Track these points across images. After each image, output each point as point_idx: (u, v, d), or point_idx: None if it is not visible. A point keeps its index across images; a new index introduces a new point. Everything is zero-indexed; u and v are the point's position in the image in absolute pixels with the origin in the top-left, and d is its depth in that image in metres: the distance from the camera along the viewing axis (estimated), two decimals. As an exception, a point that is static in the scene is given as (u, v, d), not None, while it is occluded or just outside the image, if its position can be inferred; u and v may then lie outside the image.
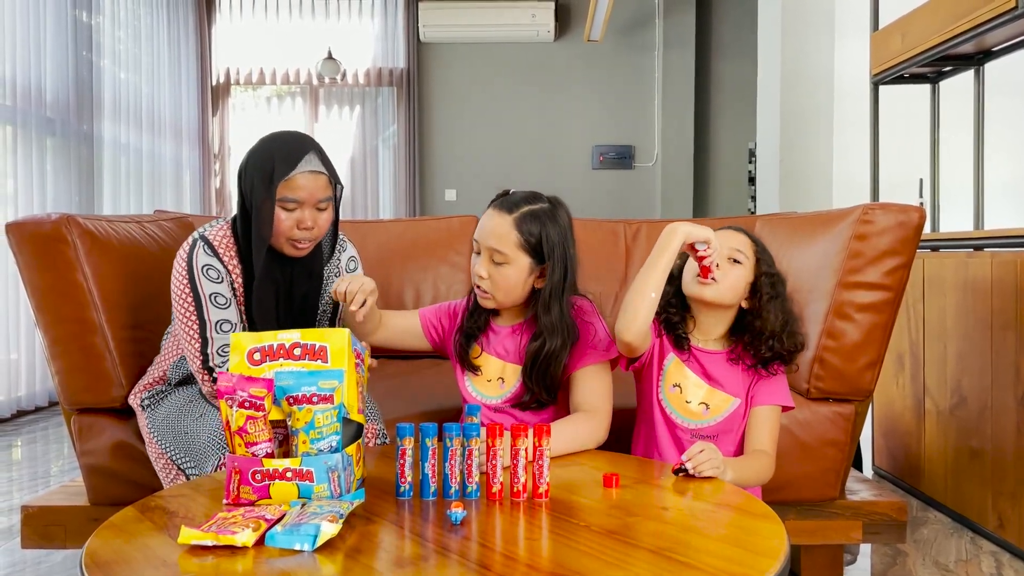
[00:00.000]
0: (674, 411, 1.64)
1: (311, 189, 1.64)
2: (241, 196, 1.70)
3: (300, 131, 1.75)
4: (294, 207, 1.64)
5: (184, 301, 1.68)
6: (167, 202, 6.29)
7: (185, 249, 1.70)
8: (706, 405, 1.63)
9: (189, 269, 1.67)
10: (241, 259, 1.71)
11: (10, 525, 2.61)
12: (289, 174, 1.63)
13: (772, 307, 1.59)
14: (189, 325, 1.68)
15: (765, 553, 1.04)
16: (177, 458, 1.69)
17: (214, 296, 1.68)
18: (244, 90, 7.32)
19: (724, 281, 1.58)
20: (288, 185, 1.63)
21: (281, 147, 1.65)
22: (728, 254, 1.60)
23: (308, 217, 1.65)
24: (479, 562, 1.03)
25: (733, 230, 1.66)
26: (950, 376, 2.65)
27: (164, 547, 1.07)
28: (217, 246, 1.70)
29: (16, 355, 4.47)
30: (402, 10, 7.14)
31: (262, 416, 1.23)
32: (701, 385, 1.64)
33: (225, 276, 1.69)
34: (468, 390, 1.72)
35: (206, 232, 1.73)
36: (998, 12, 2.79)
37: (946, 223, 3.94)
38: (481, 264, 1.62)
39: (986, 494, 2.47)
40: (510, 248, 1.59)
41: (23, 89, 4.52)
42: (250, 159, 1.69)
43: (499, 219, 1.61)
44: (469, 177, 7.23)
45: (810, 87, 5.13)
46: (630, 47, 7.24)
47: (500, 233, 1.59)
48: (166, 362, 1.83)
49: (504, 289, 1.62)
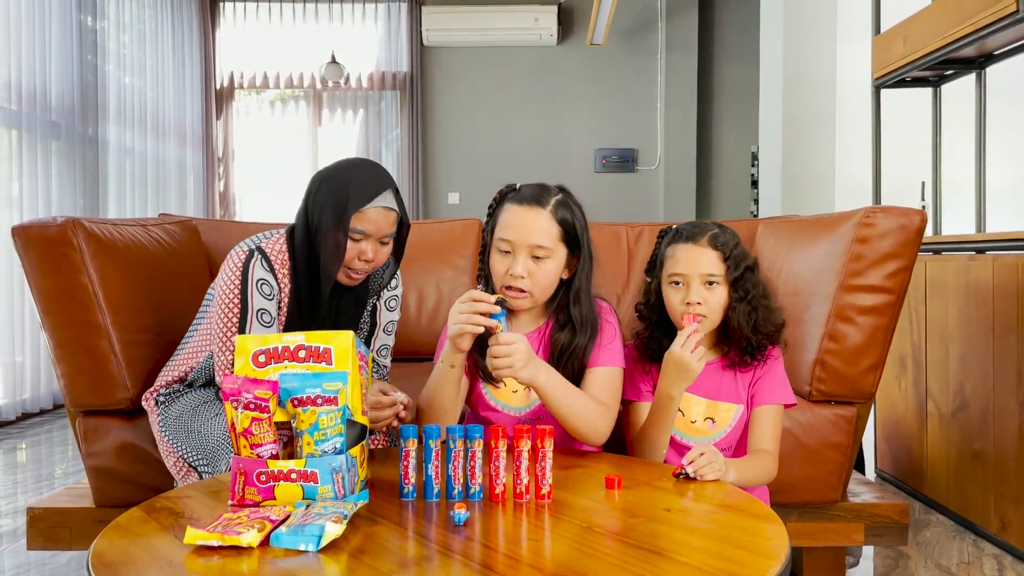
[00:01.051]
0: (682, 435, 1.63)
1: (380, 224, 1.64)
2: (306, 215, 1.67)
3: (380, 165, 1.72)
4: (360, 238, 1.63)
5: (229, 310, 1.65)
6: (171, 206, 6.31)
7: (240, 256, 1.67)
8: (712, 420, 1.63)
9: (243, 279, 1.65)
10: (293, 277, 1.69)
11: (15, 527, 2.62)
12: (364, 207, 1.61)
13: (739, 310, 1.60)
14: (227, 336, 1.65)
15: (766, 554, 1.05)
16: (189, 456, 1.69)
17: (261, 313, 1.66)
18: (248, 94, 7.34)
19: (711, 311, 1.60)
20: (359, 218, 1.62)
21: (360, 178, 1.64)
22: (702, 280, 1.60)
23: (370, 250, 1.64)
24: (482, 562, 1.03)
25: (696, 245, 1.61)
26: (952, 379, 2.65)
27: (170, 547, 1.08)
28: (274, 260, 1.68)
29: (21, 358, 4.49)
30: (405, 14, 7.16)
31: (267, 418, 1.24)
32: (701, 402, 1.64)
33: (276, 294, 1.68)
34: (490, 402, 1.67)
35: (263, 244, 1.70)
36: (999, 16, 2.80)
37: (948, 226, 3.94)
38: (520, 263, 1.57)
39: (988, 497, 2.47)
40: (552, 241, 1.58)
41: (28, 93, 4.55)
42: (324, 182, 1.66)
43: (535, 214, 1.58)
44: (472, 180, 7.24)
45: (812, 90, 5.14)
46: (633, 51, 7.25)
47: (541, 228, 1.57)
48: (189, 362, 1.80)
49: (543, 285, 1.60)
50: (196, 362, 1.80)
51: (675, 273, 1.61)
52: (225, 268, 1.69)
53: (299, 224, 1.69)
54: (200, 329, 1.80)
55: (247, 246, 1.70)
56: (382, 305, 1.86)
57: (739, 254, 1.61)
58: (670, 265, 1.63)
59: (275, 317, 1.68)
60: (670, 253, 1.64)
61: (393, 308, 1.88)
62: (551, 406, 1.52)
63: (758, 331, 1.61)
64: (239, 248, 1.70)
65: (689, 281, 1.59)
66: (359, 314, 1.81)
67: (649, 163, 7.31)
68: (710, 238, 1.61)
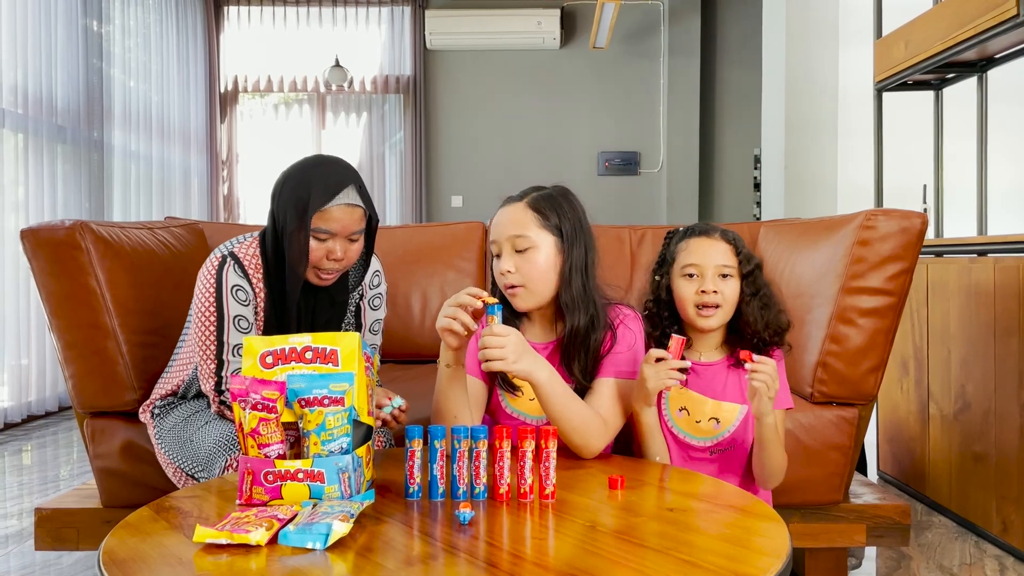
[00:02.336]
0: (686, 433, 1.64)
1: (345, 222, 1.61)
2: (273, 218, 1.66)
3: (343, 160, 1.68)
4: (326, 237, 1.61)
5: (206, 319, 1.64)
6: (176, 209, 6.34)
7: (213, 264, 1.66)
8: (716, 420, 1.63)
9: (217, 287, 1.64)
10: (267, 280, 1.68)
11: (21, 528, 2.64)
12: (325, 206, 1.58)
13: (753, 304, 1.62)
14: (207, 344, 1.65)
15: (767, 552, 1.06)
16: (185, 466, 1.69)
17: (238, 319, 1.64)
18: (252, 98, 7.37)
19: (725, 302, 1.61)
20: (322, 216, 1.59)
21: (321, 177, 1.60)
22: (717, 271, 1.62)
23: (338, 248, 1.62)
24: (487, 560, 1.05)
25: (709, 238, 1.65)
26: (954, 381, 2.66)
27: (179, 546, 1.10)
28: (247, 265, 1.66)
29: (27, 360, 4.51)
30: (409, 18, 7.19)
31: (274, 418, 1.25)
32: (706, 401, 1.64)
33: (252, 299, 1.66)
34: (507, 410, 1.66)
35: (235, 249, 1.68)
36: (1000, 19, 2.81)
37: (949, 229, 3.95)
38: (505, 259, 1.57)
39: (990, 498, 2.48)
40: (531, 230, 1.56)
41: (34, 97, 4.57)
42: (286, 182, 1.64)
43: (511, 208, 1.60)
44: (475, 183, 7.26)
45: (814, 94, 5.16)
46: (635, 54, 7.27)
47: (515, 219, 1.58)
48: (180, 375, 1.80)
49: (534, 277, 1.56)
50: (186, 374, 1.79)
51: (689, 264, 1.63)
52: (200, 277, 1.67)
53: (268, 226, 1.68)
54: (187, 341, 1.78)
55: (220, 252, 1.68)
56: (366, 305, 1.85)
57: (748, 252, 1.66)
58: (684, 258, 1.64)
59: (252, 323, 1.66)
60: (683, 247, 1.65)
61: (378, 307, 1.87)
62: (547, 407, 1.48)
63: (769, 327, 1.62)
64: (213, 255, 1.68)
65: (704, 272, 1.61)
66: (337, 314, 1.78)
67: (652, 166, 7.33)
68: (722, 233, 1.66)
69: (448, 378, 1.52)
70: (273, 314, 1.68)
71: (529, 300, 1.58)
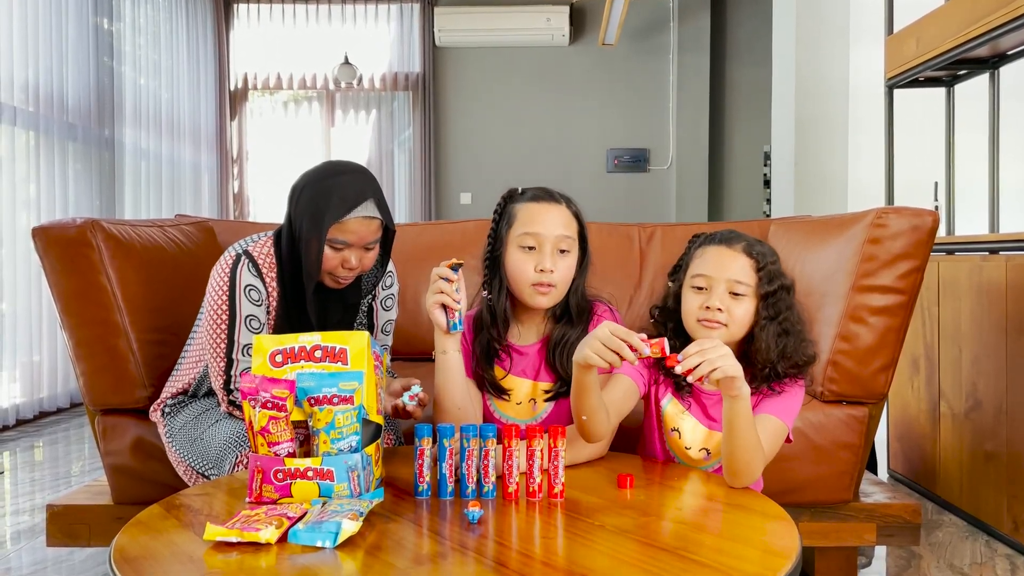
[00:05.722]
0: (676, 456, 1.56)
1: (362, 234, 1.61)
2: (289, 220, 1.66)
3: (362, 169, 1.66)
4: (341, 247, 1.61)
5: (218, 317, 1.64)
6: (186, 206, 6.36)
7: (227, 262, 1.66)
8: (707, 451, 1.52)
9: (231, 286, 1.64)
10: (280, 280, 1.68)
11: (33, 524, 2.66)
12: (342, 219, 1.58)
13: (769, 330, 1.45)
14: (217, 342, 1.65)
15: (778, 552, 1.06)
16: (196, 464, 1.70)
17: (250, 319, 1.64)
18: (261, 95, 7.38)
19: (732, 322, 1.46)
20: (339, 228, 1.59)
21: (339, 187, 1.59)
22: (728, 288, 1.46)
23: (353, 258, 1.62)
24: (496, 559, 1.05)
25: (729, 248, 1.49)
26: (965, 379, 2.65)
27: (190, 543, 1.10)
28: (261, 264, 1.67)
29: (38, 357, 4.53)
30: (418, 15, 7.19)
31: (284, 416, 1.26)
32: (699, 429, 1.52)
33: (264, 299, 1.66)
34: (494, 414, 1.66)
35: (250, 247, 1.68)
36: (1013, 16, 2.79)
37: (961, 226, 3.93)
38: (548, 258, 1.54)
39: (1001, 497, 2.47)
40: (574, 233, 1.59)
41: (45, 95, 4.59)
42: (305, 189, 1.63)
43: (558, 209, 1.58)
44: (484, 181, 7.26)
45: (825, 91, 5.13)
46: (645, 51, 7.25)
47: (566, 222, 1.58)
48: (190, 374, 1.81)
49: (565, 280, 1.58)
50: (196, 372, 1.79)
51: (699, 274, 1.48)
52: (214, 274, 1.67)
53: (284, 228, 1.68)
54: (196, 339, 1.79)
55: (235, 251, 1.68)
56: (378, 305, 1.85)
57: (775, 270, 1.49)
58: (696, 266, 1.51)
59: (264, 323, 1.66)
60: (698, 254, 1.53)
61: (390, 307, 1.88)
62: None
63: (786, 358, 1.46)
64: (227, 253, 1.68)
65: (713, 285, 1.46)
66: (349, 316, 1.78)
67: (661, 163, 7.31)
68: (745, 245, 1.49)
69: (445, 366, 1.56)
70: (284, 314, 1.69)
71: (552, 300, 1.59)
